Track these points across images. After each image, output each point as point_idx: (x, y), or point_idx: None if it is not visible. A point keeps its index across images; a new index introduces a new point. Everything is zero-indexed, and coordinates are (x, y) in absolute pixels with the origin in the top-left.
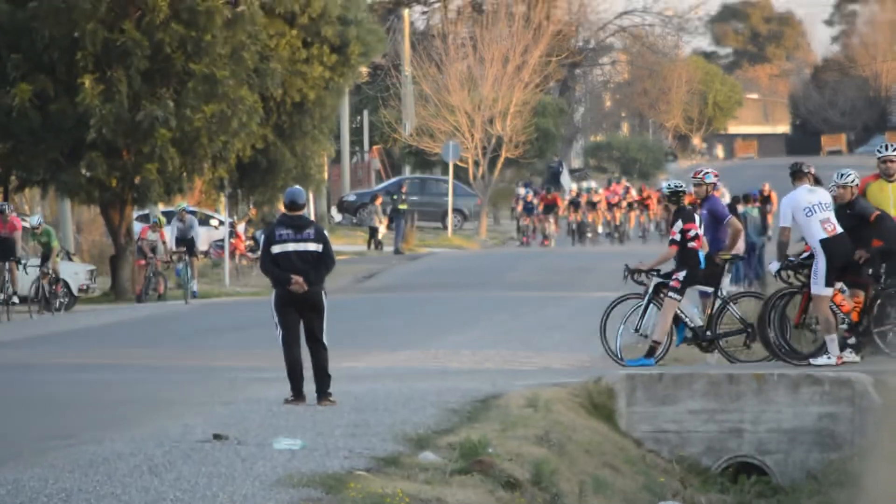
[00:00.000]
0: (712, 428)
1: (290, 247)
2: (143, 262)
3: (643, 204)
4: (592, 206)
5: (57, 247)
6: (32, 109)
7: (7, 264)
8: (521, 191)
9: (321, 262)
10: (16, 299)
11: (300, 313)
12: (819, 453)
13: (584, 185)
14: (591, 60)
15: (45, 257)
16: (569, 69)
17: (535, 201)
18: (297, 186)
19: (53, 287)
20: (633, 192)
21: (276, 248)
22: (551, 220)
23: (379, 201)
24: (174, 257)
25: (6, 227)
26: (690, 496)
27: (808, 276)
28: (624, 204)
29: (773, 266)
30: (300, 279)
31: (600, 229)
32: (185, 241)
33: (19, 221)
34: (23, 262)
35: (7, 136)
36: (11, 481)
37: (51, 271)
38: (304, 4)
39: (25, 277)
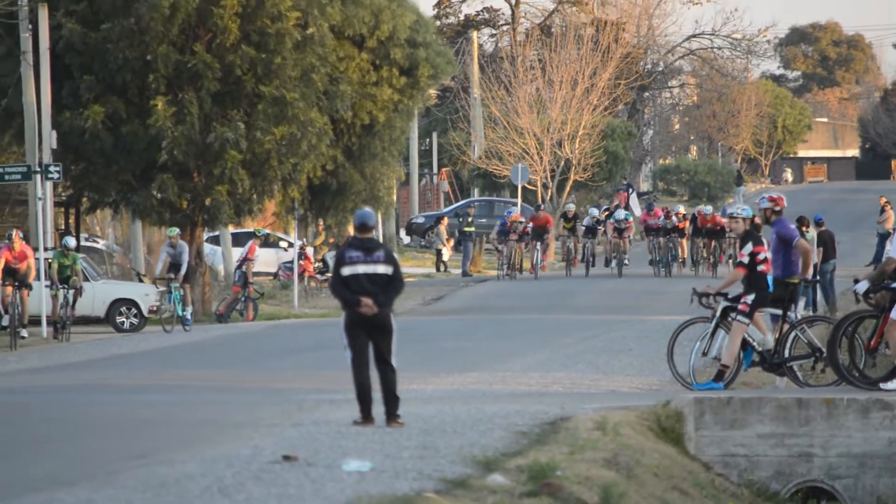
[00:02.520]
0: (781, 452)
1: (361, 269)
2: (238, 288)
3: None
4: (620, 232)
5: (79, 269)
6: (105, 131)
7: (19, 294)
8: (595, 211)
9: (391, 285)
10: (24, 333)
11: (369, 335)
12: (889, 478)
13: (621, 213)
14: (659, 83)
15: (66, 280)
16: (637, 92)
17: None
18: (367, 208)
19: (71, 312)
20: (675, 218)
21: (346, 270)
22: (539, 247)
23: (444, 223)
24: (169, 282)
25: (16, 255)
26: None
27: (891, 301)
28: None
29: (862, 286)
30: (369, 301)
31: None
32: (176, 267)
33: (30, 250)
34: (78, 286)
35: (80, 157)
36: (85, 501)
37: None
38: (372, 27)
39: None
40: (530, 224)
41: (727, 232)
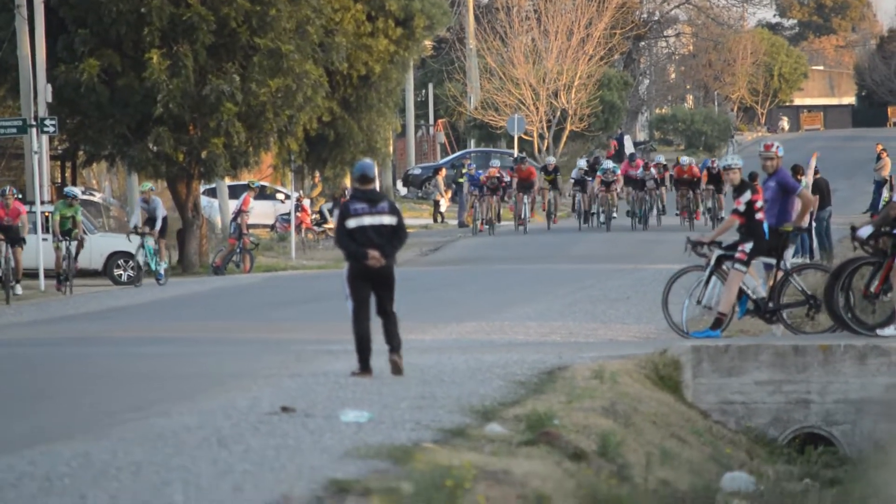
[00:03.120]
0: (779, 399)
1: (366, 220)
2: (234, 240)
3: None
4: (607, 185)
5: (80, 220)
6: (100, 84)
7: (12, 250)
8: (581, 161)
9: (395, 236)
10: (19, 289)
11: (373, 287)
12: (886, 424)
13: (609, 163)
14: (655, 33)
15: (68, 232)
16: (633, 42)
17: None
18: (367, 160)
19: (73, 265)
20: (654, 170)
21: (351, 223)
22: (526, 199)
23: (442, 174)
24: (142, 236)
25: (9, 213)
26: (757, 467)
27: (892, 247)
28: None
29: (865, 231)
30: (376, 254)
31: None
32: (150, 222)
33: (23, 207)
34: (86, 234)
35: (75, 111)
36: (82, 454)
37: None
38: None
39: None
40: (513, 178)
41: (702, 183)
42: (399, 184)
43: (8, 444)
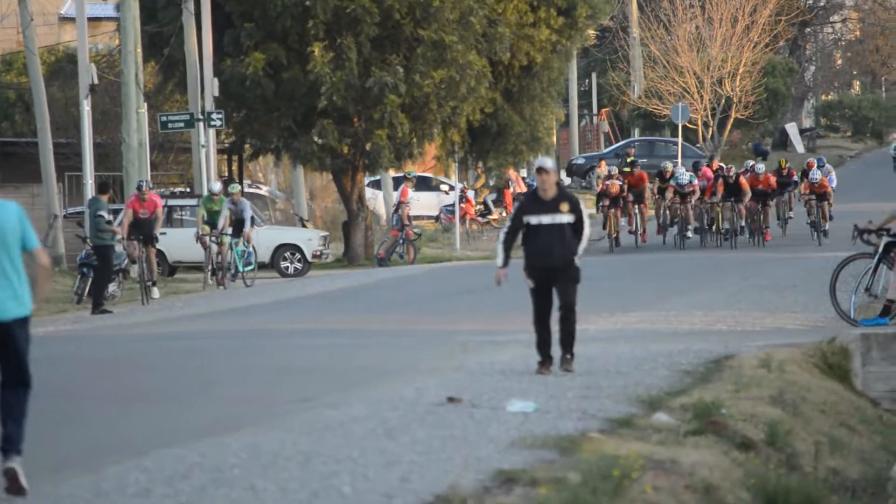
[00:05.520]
0: None
1: (545, 219)
2: (396, 231)
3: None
4: (682, 197)
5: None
6: (265, 78)
7: (145, 249)
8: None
9: (574, 234)
10: (155, 292)
11: (553, 283)
12: None
13: (684, 176)
14: (821, 19)
15: (214, 226)
16: (798, 28)
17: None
18: (547, 158)
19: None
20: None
21: (534, 219)
22: (639, 209)
23: (602, 165)
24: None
25: (145, 205)
26: None
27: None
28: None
29: None
30: (500, 276)
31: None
32: (239, 223)
33: (160, 200)
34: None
35: (241, 104)
36: (251, 444)
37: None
38: None
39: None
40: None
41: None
42: (563, 174)
43: (178, 436)
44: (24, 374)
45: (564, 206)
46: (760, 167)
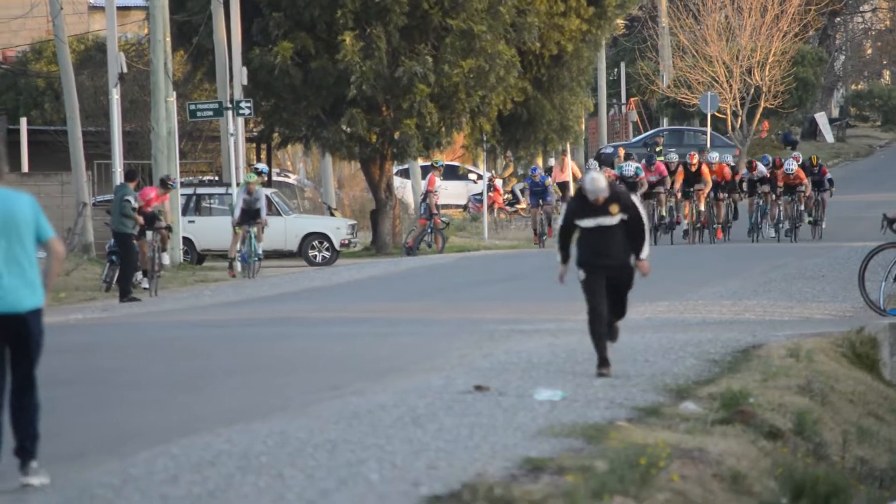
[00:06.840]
0: None
1: (593, 221)
2: (424, 220)
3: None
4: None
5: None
6: (294, 67)
7: (157, 236)
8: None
9: (628, 233)
10: (145, 282)
11: (608, 279)
12: None
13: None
14: (851, 8)
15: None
16: (828, 17)
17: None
18: (587, 177)
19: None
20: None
21: (582, 222)
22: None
23: (622, 153)
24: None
25: (153, 200)
26: None
27: None
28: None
29: None
30: (564, 270)
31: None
32: (251, 213)
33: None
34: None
35: (270, 93)
36: (279, 432)
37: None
38: None
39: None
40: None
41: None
42: (591, 162)
43: (206, 423)
44: (33, 375)
45: (614, 208)
46: (714, 155)
